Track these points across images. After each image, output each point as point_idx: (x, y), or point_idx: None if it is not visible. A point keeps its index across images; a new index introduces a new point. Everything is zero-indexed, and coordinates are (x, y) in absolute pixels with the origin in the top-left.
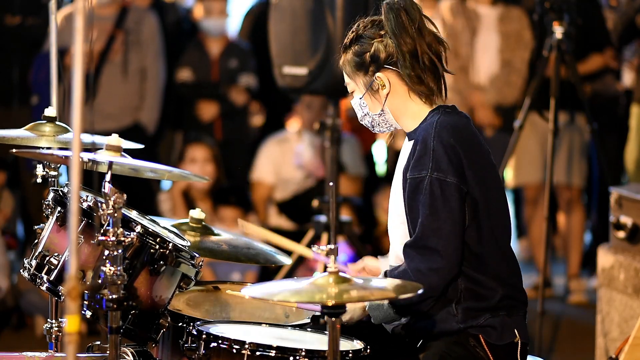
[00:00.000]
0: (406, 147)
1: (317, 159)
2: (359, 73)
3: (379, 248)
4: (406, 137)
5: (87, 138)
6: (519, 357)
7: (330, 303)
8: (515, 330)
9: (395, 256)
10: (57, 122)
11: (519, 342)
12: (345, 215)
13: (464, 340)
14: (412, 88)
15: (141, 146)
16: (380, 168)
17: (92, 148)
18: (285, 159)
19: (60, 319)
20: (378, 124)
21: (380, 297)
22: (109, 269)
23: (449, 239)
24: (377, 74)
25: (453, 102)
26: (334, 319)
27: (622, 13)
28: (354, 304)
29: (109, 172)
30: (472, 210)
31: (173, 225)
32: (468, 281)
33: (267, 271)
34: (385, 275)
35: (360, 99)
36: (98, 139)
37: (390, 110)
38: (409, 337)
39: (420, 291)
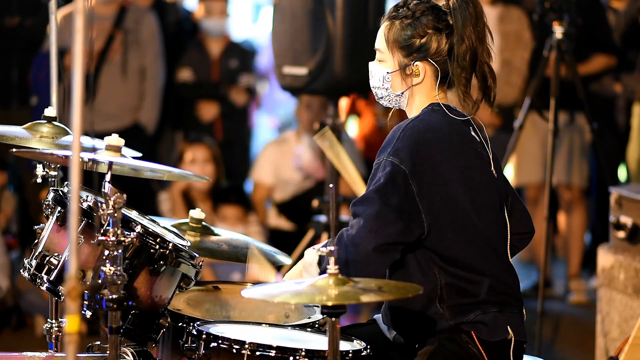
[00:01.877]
0: None
1: (317, 161)
2: (401, 51)
3: None
4: None
5: (88, 142)
6: (511, 354)
7: (330, 303)
8: (509, 327)
9: None
10: (55, 123)
11: (512, 339)
12: (345, 215)
13: (457, 336)
14: (436, 86)
15: (139, 154)
16: None
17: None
18: (284, 161)
19: (60, 319)
20: (388, 100)
21: (382, 299)
22: (109, 269)
23: (373, 210)
24: (418, 63)
25: (453, 103)
26: (334, 319)
27: (625, 13)
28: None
29: (109, 172)
30: (448, 208)
31: (173, 225)
32: (449, 276)
33: None
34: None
35: (388, 73)
36: (98, 143)
37: (408, 96)
38: (411, 343)
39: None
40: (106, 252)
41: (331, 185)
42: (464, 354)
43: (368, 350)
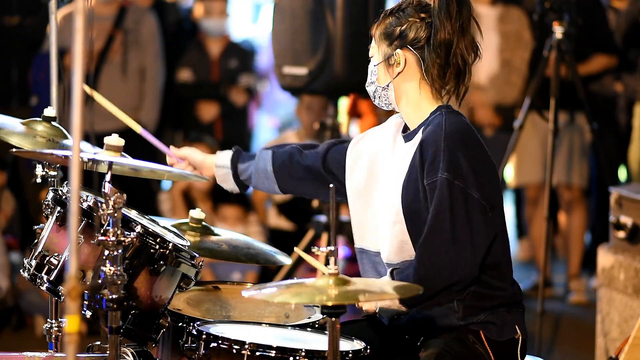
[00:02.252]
0: (402, 148)
1: None
2: (384, 42)
3: None
4: (400, 137)
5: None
6: (519, 353)
7: (330, 303)
8: (516, 327)
9: (386, 255)
10: (54, 124)
11: (520, 338)
12: (345, 215)
13: (464, 336)
14: (425, 77)
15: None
16: None
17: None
18: None
19: (60, 319)
20: (379, 97)
21: (380, 299)
22: (109, 269)
23: (449, 239)
24: (398, 51)
25: (453, 102)
26: (334, 319)
27: (626, 13)
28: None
29: (109, 172)
30: (488, 213)
31: (173, 225)
32: (480, 285)
33: (267, 271)
34: (392, 276)
35: (375, 66)
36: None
37: (394, 89)
38: (409, 333)
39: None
40: (106, 252)
41: (331, 185)
42: (471, 355)
43: (368, 351)
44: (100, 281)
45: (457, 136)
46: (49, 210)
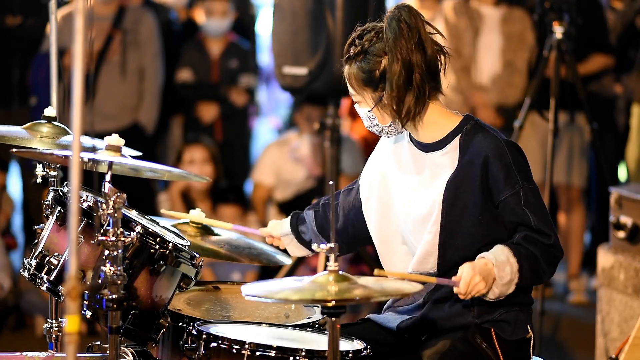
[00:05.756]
0: (426, 158)
1: (314, 156)
2: (367, 88)
3: None
4: (413, 149)
5: (88, 141)
6: (531, 352)
7: (331, 304)
8: (528, 326)
9: (420, 259)
10: (55, 123)
11: (532, 337)
12: None
13: (470, 336)
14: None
15: (139, 153)
16: None
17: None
18: (286, 161)
19: (60, 319)
20: (387, 132)
21: (380, 295)
22: (109, 269)
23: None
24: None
25: (455, 102)
26: (334, 319)
27: (622, 14)
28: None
29: (109, 172)
30: None
31: (173, 225)
32: None
33: (268, 271)
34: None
35: (369, 111)
36: (98, 143)
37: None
38: (420, 331)
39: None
40: (106, 252)
41: (331, 182)
42: (476, 355)
43: (368, 350)
44: (100, 281)
45: (513, 145)
46: (49, 210)
